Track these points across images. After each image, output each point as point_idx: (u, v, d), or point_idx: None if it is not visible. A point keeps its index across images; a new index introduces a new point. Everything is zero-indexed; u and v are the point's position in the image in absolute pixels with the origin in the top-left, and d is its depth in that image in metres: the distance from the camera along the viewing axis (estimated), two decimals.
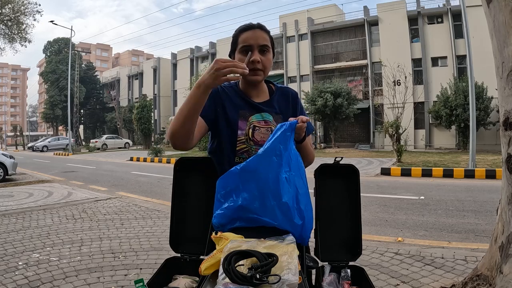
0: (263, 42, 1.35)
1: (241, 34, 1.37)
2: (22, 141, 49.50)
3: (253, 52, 1.33)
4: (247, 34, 1.35)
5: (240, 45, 1.36)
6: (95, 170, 14.12)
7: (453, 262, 3.22)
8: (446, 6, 22.20)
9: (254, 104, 1.41)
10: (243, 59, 1.30)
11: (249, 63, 1.30)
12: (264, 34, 1.36)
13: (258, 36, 1.35)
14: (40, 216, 5.40)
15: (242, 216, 1.16)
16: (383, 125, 14.77)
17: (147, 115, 31.17)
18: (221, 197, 1.21)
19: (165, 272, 1.52)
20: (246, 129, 1.38)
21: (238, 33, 1.38)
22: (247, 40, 1.34)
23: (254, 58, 1.32)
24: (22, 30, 16.59)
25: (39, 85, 73.77)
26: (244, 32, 1.36)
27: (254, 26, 1.37)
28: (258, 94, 1.44)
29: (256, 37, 1.34)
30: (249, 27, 1.38)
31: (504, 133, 2.23)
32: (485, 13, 2.35)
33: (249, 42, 1.34)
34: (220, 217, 1.20)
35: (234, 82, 1.48)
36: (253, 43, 1.34)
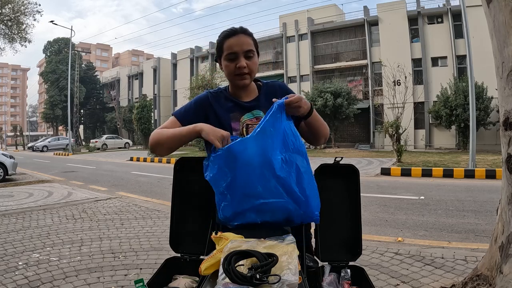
0: (248, 48, 1.37)
1: (225, 40, 1.38)
2: (22, 141, 49.49)
3: (239, 58, 1.36)
4: (232, 41, 1.36)
5: (225, 52, 1.38)
6: (95, 170, 14.12)
7: (453, 262, 3.21)
8: (446, 6, 22.19)
9: (243, 104, 1.44)
10: (230, 66, 1.37)
11: (236, 69, 1.36)
12: (247, 39, 1.38)
13: (243, 42, 1.36)
14: (40, 216, 5.40)
15: (248, 207, 1.16)
16: (383, 125, 14.76)
17: (147, 115, 31.13)
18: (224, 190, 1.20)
19: (165, 272, 1.52)
20: (240, 129, 1.39)
21: (222, 39, 1.39)
22: (232, 47, 1.36)
23: (241, 65, 1.35)
24: (22, 30, 16.59)
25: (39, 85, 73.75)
26: (228, 39, 1.37)
27: (237, 31, 1.38)
28: (247, 94, 1.46)
29: (240, 44, 1.36)
30: (232, 32, 1.38)
31: (504, 133, 2.23)
32: (485, 13, 2.34)
33: (234, 49, 1.36)
34: (226, 211, 1.20)
35: (223, 87, 1.52)
36: (238, 50, 1.35)
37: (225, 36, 1.39)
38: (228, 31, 1.40)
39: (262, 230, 1.13)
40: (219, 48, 1.42)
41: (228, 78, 1.43)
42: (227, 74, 1.42)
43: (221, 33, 1.42)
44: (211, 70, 22.77)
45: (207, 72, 22.53)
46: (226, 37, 1.38)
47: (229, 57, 1.37)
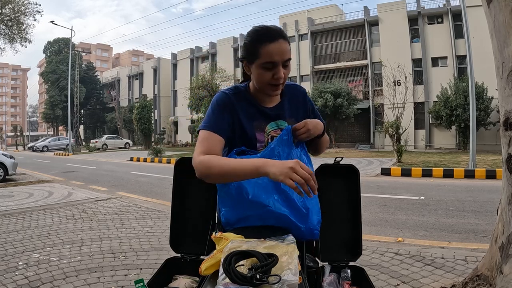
0: (288, 56, 1.23)
1: (262, 45, 1.20)
2: (22, 141, 49.51)
3: (278, 68, 1.22)
4: (272, 48, 1.20)
5: (262, 60, 1.21)
6: (95, 170, 14.12)
7: (453, 262, 3.21)
8: (446, 6, 22.21)
9: (267, 112, 1.35)
10: (265, 75, 1.24)
11: (272, 79, 1.24)
12: (287, 45, 1.23)
13: (284, 50, 1.21)
14: (40, 216, 5.40)
15: (252, 214, 1.17)
16: (383, 125, 14.77)
17: (147, 115, 31.20)
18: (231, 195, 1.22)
19: (165, 272, 1.52)
20: (265, 140, 1.33)
21: (260, 43, 1.21)
22: (272, 55, 1.20)
23: (279, 76, 1.23)
24: (22, 30, 16.61)
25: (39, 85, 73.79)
26: (267, 44, 1.20)
27: (277, 37, 1.21)
28: (271, 99, 1.36)
29: (281, 52, 1.21)
30: (271, 37, 1.21)
31: (504, 133, 2.23)
32: (485, 13, 2.34)
33: (275, 59, 1.21)
34: (229, 214, 1.21)
35: (243, 86, 1.38)
36: (278, 60, 1.21)
37: (263, 39, 1.21)
38: (265, 32, 1.23)
39: (262, 230, 1.13)
40: (252, 51, 1.24)
41: (259, 85, 1.29)
42: (258, 82, 1.28)
43: (253, 32, 1.25)
44: (211, 70, 22.77)
45: (207, 72, 22.55)
46: (263, 41, 1.21)
47: (266, 66, 1.22)
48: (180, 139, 36.42)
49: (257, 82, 1.28)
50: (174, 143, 36.87)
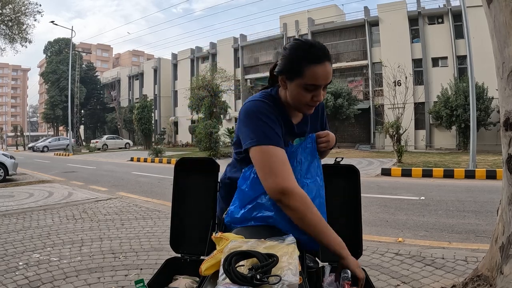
0: (330, 79, 1.20)
1: (309, 66, 1.15)
2: (23, 141, 49.57)
3: (319, 91, 1.20)
4: (318, 71, 1.15)
5: (306, 82, 1.17)
6: (96, 171, 14.12)
7: (454, 263, 3.21)
8: (447, 6, 22.21)
9: (295, 130, 1.32)
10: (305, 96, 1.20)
11: (311, 101, 1.22)
12: (331, 67, 1.19)
13: (328, 73, 1.18)
14: (41, 216, 5.40)
15: (256, 216, 1.18)
16: (384, 125, 14.76)
17: (147, 115, 31.21)
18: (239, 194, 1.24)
19: (165, 273, 1.52)
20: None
21: (305, 63, 1.16)
22: (317, 79, 1.16)
23: (319, 99, 1.21)
24: (22, 30, 16.62)
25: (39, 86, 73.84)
26: (314, 66, 1.15)
27: (324, 58, 1.17)
28: (295, 113, 1.34)
29: (326, 76, 1.17)
30: (319, 59, 1.16)
31: (505, 134, 2.23)
32: (485, 14, 2.34)
33: (319, 82, 1.17)
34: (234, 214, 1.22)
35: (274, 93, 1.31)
36: (322, 83, 1.18)
37: (308, 59, 1.16)
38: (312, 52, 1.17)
39: (262, 231, 1.13)
40: (295, 69, 1.18)
41: (294, 104, 1.25)
42: (295, 100, 1.23)
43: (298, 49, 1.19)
44: (211, 71, 22.78)
45: (208, 73, 22.54)
46: (310, 62, 1.15)
47: (308, 87, 1.18)
48: (181, 139, 36.42)
49: (293, 99, 1.24)
50: (174, 143, 36.88)
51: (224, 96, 22.39)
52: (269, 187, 1.12)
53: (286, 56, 1.22)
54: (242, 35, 32.27)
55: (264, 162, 1.14)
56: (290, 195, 1.09)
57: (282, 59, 1.23)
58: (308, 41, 1.21)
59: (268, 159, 1.13)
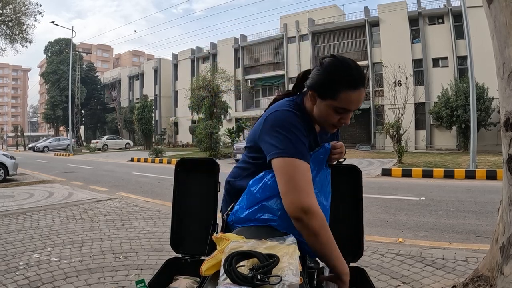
0: (361, 105, 1.22)
1: (344, 90, 1.14)
2: (23, 142, 49.60)
3: (348, 115, 1.20)
4: (353, 97, 1.15)
5: (338, 105, 1.16)
6: (96, 171, 14.13)
7: (454, 263, 3.21)
8: (447, 6, 22.19)
9: (317, 140, 1.32)
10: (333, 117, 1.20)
11: (337, 123, 1.22)
12: (364, 93, 1.19)
13: (361, 99, 1.17)
14: (41, 217, 5.40)
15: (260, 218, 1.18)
16: (384, 126, 14.76)
17: (148, 115, 31.22)
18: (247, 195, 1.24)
19: (166, 273, 1.52)
20: None
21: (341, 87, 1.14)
22: (350, 104, 1.16)
23: (347, 122, 1.22)
24: (23, 30, 16.60)
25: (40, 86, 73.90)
26: (349, 92, 1.14)
27: (360, 85, 1.16)
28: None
29: (359, 101, 1.17)
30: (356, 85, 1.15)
31: (505, 134, 2.23)
32: (485, 14, 2.34)
33: (351, 108, 1.18)
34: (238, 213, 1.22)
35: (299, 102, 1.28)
36: (354, 108, 1.18)
37: (346, 85, 1.14)
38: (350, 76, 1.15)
39: (263, 231, 1.14)
40: (329, 90, 1.16)
41: (320, 120, 1.24)
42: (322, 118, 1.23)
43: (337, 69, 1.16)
44: (212, 71, 22.78)
45: (208, 73, 22.54)
46: (347, 88, 1.14)
47: (339, 110, 1.18)
48: (181, 140, 36.42)
49: (319, 117, 1.23)
50: (174, 143, 36.87)
51: (224, 97, 22.38)
52: (291, 202, 1.08)
53: (321, 73, 1.19)
54: (242, 35, 32.27)
55: (289, 176, 1.11)
56: (311, 214, 1.07)
57: (317, 75, 1.20)
58: (347, 62, 1.18)
59: (293, 172, 1.11)
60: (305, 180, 1.10)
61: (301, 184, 1.09)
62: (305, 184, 1.10)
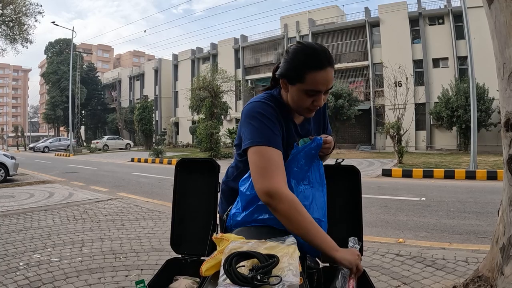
0: (331, 85, 1.20)
1: (310, 72, 1.16)
2: (23, 142, 49.62)
3: (319, 96, 1.20)
4: (319, 77, 1.16)
5: (307, 87, 1.18)
6: (96, 171, 14.13)
7: (454, 264, 3.21)
8: (447, 7, 22.20)
9: (299, 130, 1.34)
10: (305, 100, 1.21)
11: (311, 105, 1.22)
12: (333, 73, 1.19)
13: (329, 79, 1.18)
14: (41, 217, 5.41)
15: (257, 218, 1.18)
16: (384, 126, 14.76)
17: (148, 116, 31.22)
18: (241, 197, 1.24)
19: (166, 273, 1.52)
20: None
21: (306, 67, 1.16)
22: (318, 84, 1.17)
23: (319, 104, 1.22)
24: (23, 31, 16.62)
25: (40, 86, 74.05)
26: (315, 72, 1.15)
27: (326, 64, 1.16)
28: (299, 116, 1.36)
29: (327, 81, 1.17)
30: (320, 65, 1.16)
31: (505, 134, 2.23)
32: (486, 14, 2.34)
33: (320, 88, 1.18)
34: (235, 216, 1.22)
35: (277, 94, 1.31)
36: (323, 89, 1.19)
37: (311, 66, 1.16)
38: (314, 57, 1.16)
39: (263, 231, 1.14)
40: (297, 74, 1.18)
41: (295, 107, 1.26)
42: (295, 104, 1.24)
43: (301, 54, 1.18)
44: (212, 71, 22.78)
45: (208, 73, 22.53)
46: (312, 68, 1.15)
47: (309, 92, 1.19)
48: (181, 140, 36.44)
49: (293, 103, 1.25)
50: (175, 144, 36.89)
51: (224, 97, 22.39)
52: (258, 188, 1.11)
53: (288, 60, 1.21)
54: (243, 35, 32.29)
55: (258, 163, 1.13)
56: (278, 199, 1.07)
57: (284, 63, 1.23)
58: (311, 45, 1.20)
59: (261, 160, 1.13)
60: (271, 164, 1.11)
61: (267, 169, 1.10)
62: (270, 169, 1.11)
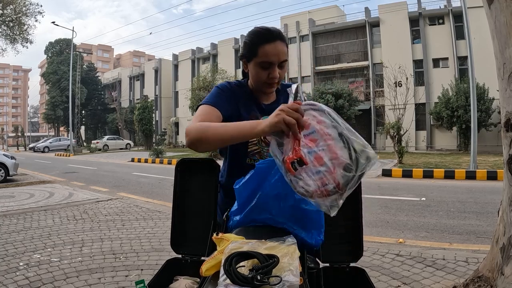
0: (284, 58, 1.30)
1: (261, 45, 1.28)
2: (23, 142, 49.62)
3: (273, 68, 1.30)
4: (269, 49, 1.27)
5: (260, 59, 1.29)
6: (96, 171, 14.13)
7: (455, 264, 3.21)
8: (447, 7, 22.20)
9: (263, 107, 1.42)
10: (261, 74, 1.31)
11: (268, 79, 1.31)
12: (284, 47, 1.30)
13: (280, 51, 1.28)
14: (41, 217, 5.41)
15: (256, 218, 1.17)
16: (384, 126, 14.76)
17: (148, 116, 31.22)
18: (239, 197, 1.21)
19: (166, 273, 1.52)
20: None
21: (258, 42, 1.29)
22: (269, 56, 1.28)
23: (274, 76, 1.30)
24: (23, 31, 16.64)
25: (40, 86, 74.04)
26: (265, 44, 1.27)
27: (275, 37, 1.28)
28: (267, 96, 1.45)
29: (278, 53, 1.28)
30: (269, 37, 1.28)
31: (506, 134, 2.23)
32: (486, 14, 2.34)
33: (271, 59, 1.28)
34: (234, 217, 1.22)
35: (243, 81, 1.45)
36: (275, 60, 1.28)
37: (261, 39, 1.28)
38: (264, 34, 1.29)
39: (263, 231, 1.14)
40: (251, 50, 1.31)
41: (256, 83, 1.38)
42: (255, 79, 1.37)
43: (253, 32, 1.32)
44: (212, 71, 22.79)
45: (209, 73, 22.56)
46: (262, 42, 1.28)
47: (263, 65, 1.30)
48: (181, 140, 36.42)
49: (253, 79, 1.37)
50: (175, 144, 36.89)
51: None
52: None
53: (245, 41, 1.35)
54: (243, 35, 32.27)
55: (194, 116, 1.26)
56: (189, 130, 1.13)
57: (243, 45, 1.37)
58: (265, 26, 1.33)
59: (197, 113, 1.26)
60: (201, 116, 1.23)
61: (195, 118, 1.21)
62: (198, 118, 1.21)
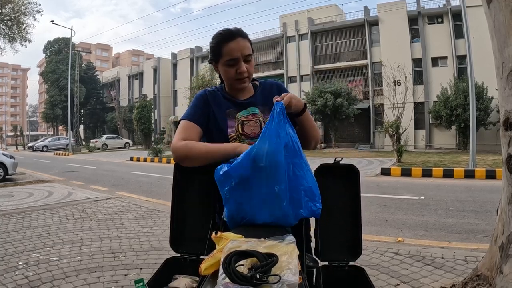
0: (248, 52, 1.36)
1: (223, 45, 1.35)
2: (22, 141, 49.51)
3: (240, 63, 1.35)
4: (231, 46, 1.34)
5: (225, 58, 1.36)
6: (95, 170, 14.12)
7: (453, 262, 3.22)
8: (446, 6, 22.20)
9: (239, 102, 1.45)
10: (230, 71, 1.37)
11: (236, 74, 1.37)
12: (246, 42, 1.36)
13: (242, 46, 1.35)
14: (40, 216, 5.40)
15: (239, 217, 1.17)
16: (383, 125, 14.77)
17: (147, 115, 31.16)
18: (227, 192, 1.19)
19: (165, 272, 1.52)
20: (235, 125, 1.42)
21: (220, 43, 1.36)
22: (232, 53, 1.34)
23: (242, 70, 1.36)
24: (22, 30, 16.59)
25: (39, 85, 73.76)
26: (227, 43, 1.34)
27: (235, 35, 1.35)
28: (244, 93, 1.48)
29: (240, 48, 1.34)
30: (230, 36, 1.35)
31: (504, 133, 2.23)
32: (485, 13, 2.34)
33: (235, 55, 1.34)
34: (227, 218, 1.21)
35: (219, 86, 1.52)
36: (238, 56, 1.34)
37: (223, 40, 1.36)
38: (224, 34, 1.36)
39: (262, 230, 1.14)
40: (216, 52, 1.39)
41: (227, 82, 1.44)
42: (226, 79, 1.42)
43: (216, 35, 1.39)
44: (211, 70, 22.76)
45: (207, 72, 22.53)
46: (224, 41, 1.35)
47: (229, 63, 1.36)
48: None
49: (225, 79, 1.43)
50: None
51: None
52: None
53: (210, 46, 1.41)
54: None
55: (176, 131, 1.38)
56: (174, 148, 1.30)
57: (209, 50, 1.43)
58: (226, 28, 1.39)
59: (179, 128, 1.37)
60: (182, 131, 1.35)
61: (178, 134, 1.34)
62: (180, 133, 1.34)
